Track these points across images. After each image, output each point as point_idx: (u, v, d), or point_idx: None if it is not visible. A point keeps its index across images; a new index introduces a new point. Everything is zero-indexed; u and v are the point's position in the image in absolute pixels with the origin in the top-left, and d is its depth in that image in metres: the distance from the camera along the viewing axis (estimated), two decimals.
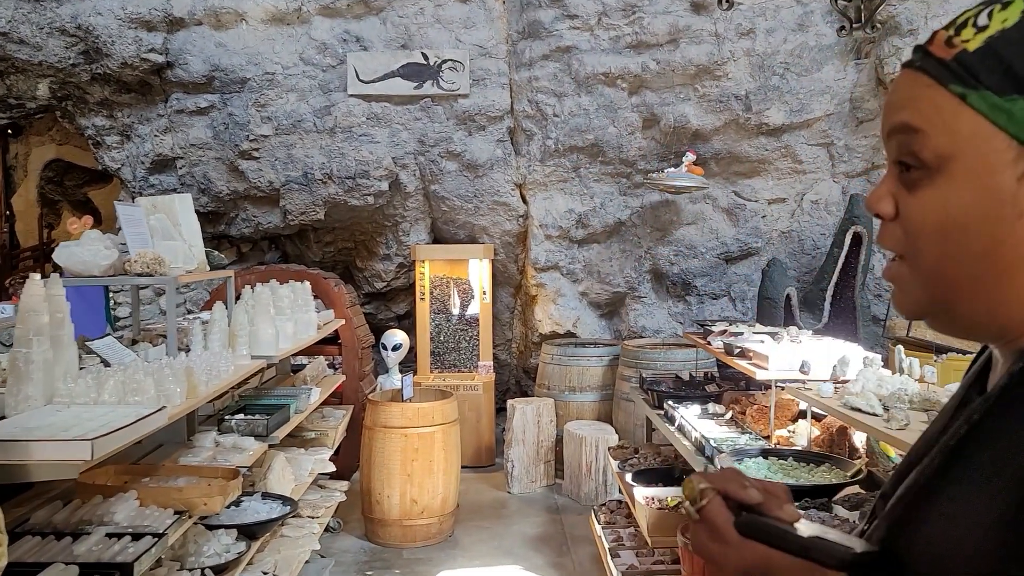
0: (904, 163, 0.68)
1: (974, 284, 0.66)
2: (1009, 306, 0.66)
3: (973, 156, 0.64)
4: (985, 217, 0.64)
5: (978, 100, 0.62)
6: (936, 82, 0.65)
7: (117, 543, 2.30)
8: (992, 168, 0.63)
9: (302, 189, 6.34)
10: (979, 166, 0.64)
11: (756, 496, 0.73)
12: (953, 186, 0.65)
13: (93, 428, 2.04)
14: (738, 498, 0.74)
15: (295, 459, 4.30)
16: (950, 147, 0.64)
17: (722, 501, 0.74)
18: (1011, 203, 0.63)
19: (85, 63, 6.04)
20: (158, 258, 3.17)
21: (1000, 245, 0.64)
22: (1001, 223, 0.63)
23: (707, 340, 4.56)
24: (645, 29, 6.09)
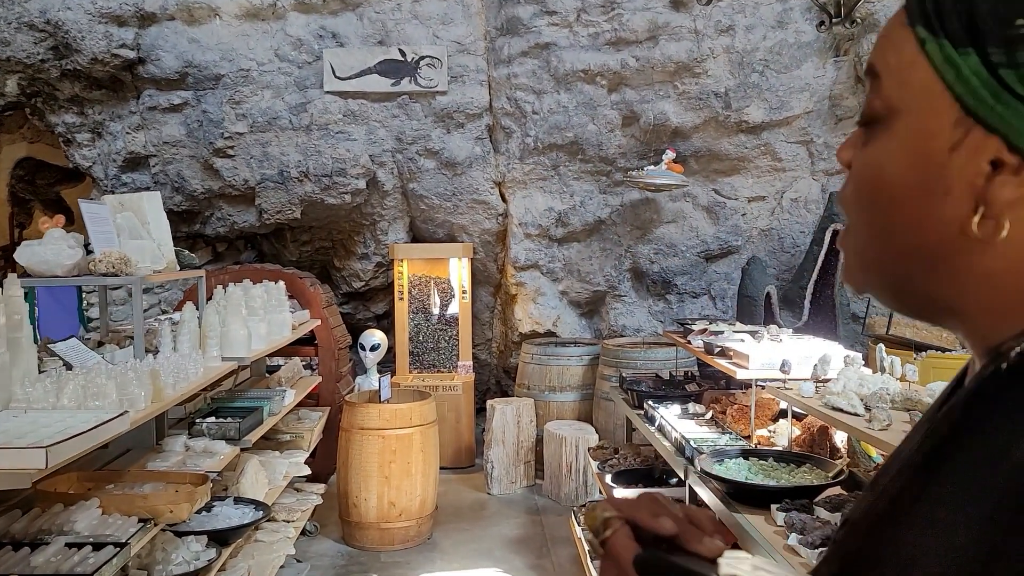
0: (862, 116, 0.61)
1: (903, 262, 0.58)
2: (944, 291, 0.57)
3: (916, 114, 0.55)
4: (913, 187, 0.56)
5: (934, 49, 0.54)
6: (908, 22, 0.57)
7: (77, 554, 2.22)
8: (929, 132, 0.55)
9: (278, 188, 6.24)
10: (919, 127, 0.55)
11: (669, 527, 0.63)
12: (892, 146, 0.57)
13: (49, 435, 1.95)
14: (648, 528, 0.63)
15: (269, 462, 4.22)
16: (899, 100, 0.56)
17: (629, 532, 0.64)
18: (941, 175, 0.54)
19: (55, 59, 5.91)
20: (124, 257, 3.08)
21: (927, 222, 0.56)
22: (928, 198, 0.55)
23: (687, 339, 4.51)
24: (624, 26, 6.05)
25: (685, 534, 0.63)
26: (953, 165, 0.54)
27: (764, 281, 5.73)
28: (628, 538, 0.63)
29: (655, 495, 0.67)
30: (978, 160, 0.53)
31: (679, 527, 0.63)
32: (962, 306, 0.57)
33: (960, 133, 0.53)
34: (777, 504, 2.64)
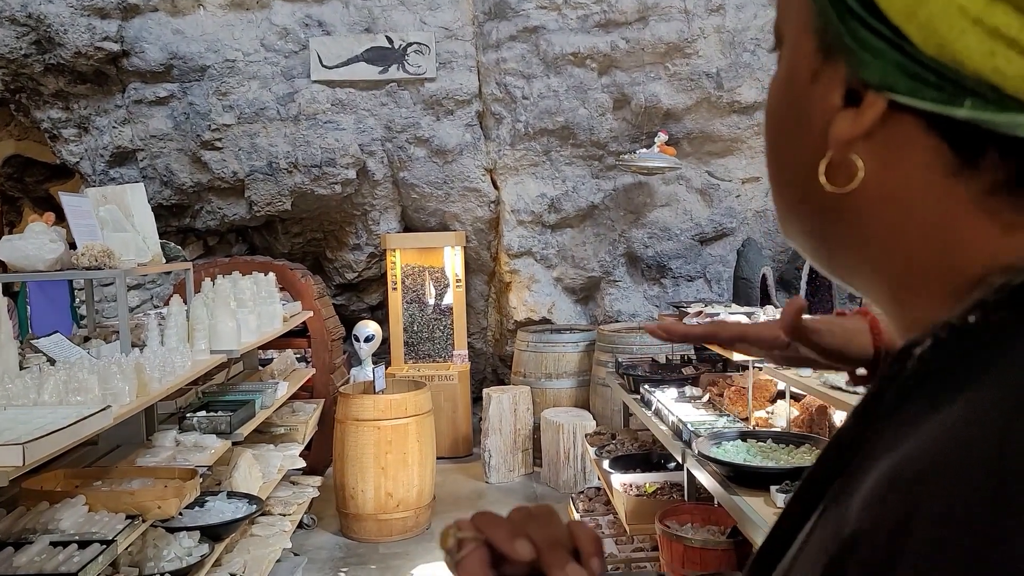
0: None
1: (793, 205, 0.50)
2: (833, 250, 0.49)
3: (790, 39, 0.48)
4: (785, 117, 0.48)
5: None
6: None
7: (62, 552, 2.17)
8: (796, 57, 0.47)
9: (267, 179, 6.17)
10: (791, 51, 0.47)
11: (524, 552, 0.54)
12: (777, 72, 0.49)
13: (28, 431, 1.91)
14: (503, 552, 0.55)
15: (263, 456, 4.18)
16: (782, 20, 0.49)
17: (484, 554, 0.55)
18: (803, 106, 0.46)
19: (38, 53, 5.83)
20: (107, 250, 3.03)
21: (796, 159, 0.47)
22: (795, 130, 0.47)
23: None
24: (613, 7, 5.97)
25: (546, 559, 0.54)
26: (812, 95, 0.45)
27: (759, 263, 5.69)
28: (480, 563, 0.55)
29: (532, 509, 0.58)
30: (830, 92, 0.44)
31: (541, 551, 0.54)
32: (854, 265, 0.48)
33: (818, 61, 0.45)
34: (777, 486, 2.60)
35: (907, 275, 0.45)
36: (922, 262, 0.43)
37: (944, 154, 0.40)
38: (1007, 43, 0.37)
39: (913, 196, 0.42)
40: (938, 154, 0.41)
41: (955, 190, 0.41)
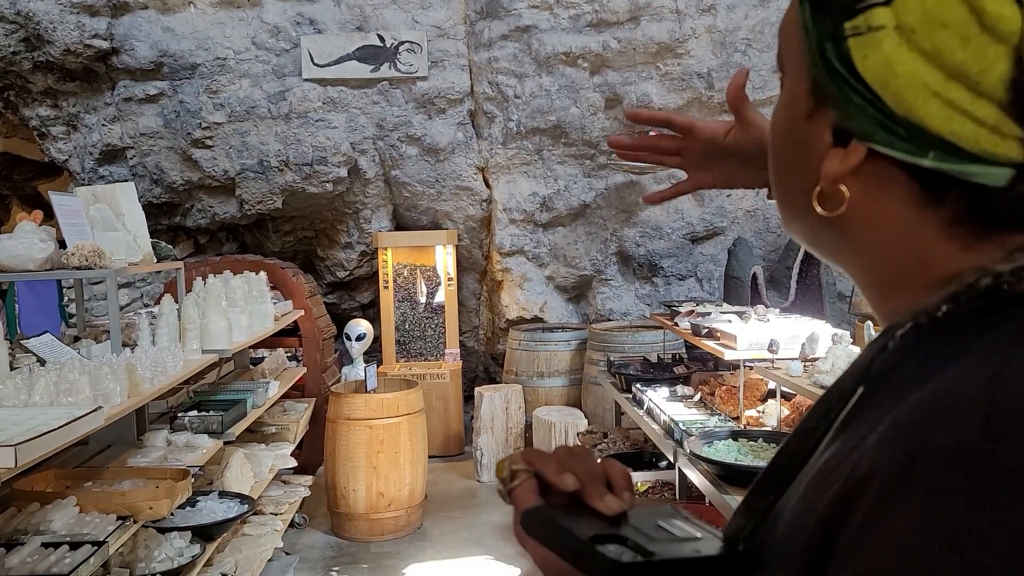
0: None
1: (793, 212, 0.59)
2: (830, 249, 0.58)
3: (790, 76, 0.56)
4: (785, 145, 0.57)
5: (801, 12, 0.53)
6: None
7: (54, 553, 2.17)
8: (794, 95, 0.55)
9: (258, 177, 6.16)
10: (790, 88, 0.56)
11: (570, 483, 0.61)
12: (780, 99, 0.58)
13: (19, 432, 1.90)
14: (551, 483, 0.62)
15: (255, 455, 4.17)
16: (783, 58, 0.57)
17: (535, 484, 0.63)
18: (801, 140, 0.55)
19: (26, 51, 5.80)
20: (97, 250, 3.01)
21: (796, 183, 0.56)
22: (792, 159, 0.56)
23: (674, 321, 4.48)
24: (605, 7, 5.98)
25: (587, 490, 0.61)
26: (808, 131, 0.54)
27: (750, 262, 5.71)
28: (531, 491, 0.63)
29: (573, 448, 0.66)
30: (822, 132, 0.53)
31: (583, 483, 0.61)
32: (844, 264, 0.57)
33: (812, 103, 0.53)
34: None
35: (887, 278, 0.54)
36: (898, 270, 0.52)
37: (915, 191, 0.49)
38: (961, 112, 0.46)
39: (891, 221, 0.51)
40: (911, 190, 0.49)
41: (924, 218, 0.50)
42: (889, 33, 0.47)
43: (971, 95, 0.45)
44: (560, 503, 0.62)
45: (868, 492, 0.43)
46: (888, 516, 0.42)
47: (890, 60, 0.47)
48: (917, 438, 0.43)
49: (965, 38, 0.45)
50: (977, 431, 0.41)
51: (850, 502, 0.44)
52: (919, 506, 0.41)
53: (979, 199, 0.48)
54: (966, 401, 0.42)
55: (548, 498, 0.63)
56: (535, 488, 0.63)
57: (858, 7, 0.48)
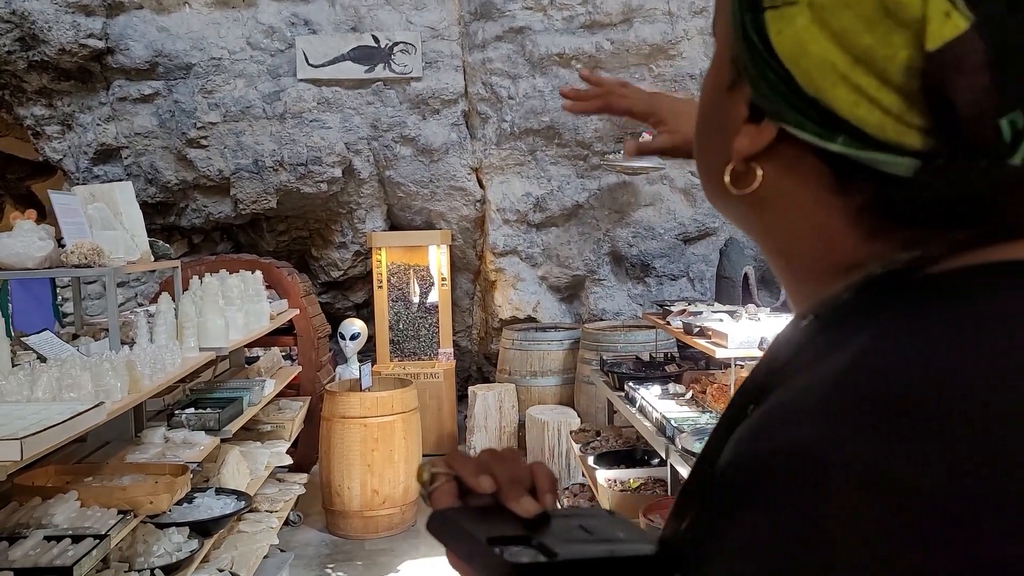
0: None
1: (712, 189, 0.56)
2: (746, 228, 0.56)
3: (718, 48, 0.53)
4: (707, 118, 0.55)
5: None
6: None
7: (56, 546, 2.20)
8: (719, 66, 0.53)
9: (253, 177, 6.18)
10: (716, 60, 0.53)
11: (486, 485, 0.60)
12: (708, 69, 0.55)
13: (24, 427, 1.93)
14: (468, 485, 0.61)
15: (251, 453, 4.20)
16: (716, 26, 0.55)
17: (454, 487, 0.62)
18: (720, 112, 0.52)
19: (21, 50, 5.81)
20: (96, 248, 3.04)
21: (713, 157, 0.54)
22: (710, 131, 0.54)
23: (666, 320, 4.53)
24: (598, 9, 6.03)
25: (505, 492, 0.60)
26: (727, 105, 0.51)
27: (742, 262, 5.77)
28: (450, 494, 0.62)
29: (499, 452, 0.65)
30: (739, 106, 0.50)
31: (501, 485, 0.60)
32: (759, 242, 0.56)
33: (734, 74, 0.50)
34: None
35: (797, 261, 0.52)
36: (809, 253, 0.50)
37: (826, 175, 0.47)
38: (867, 98, 0.43)
39: (803, 205, 0.49)
40: (821, 174, 0.47)
41: (834, 203, 0.48)
42: (802, 8, 0.44)
43: (877, 82, 0.43)
44: (479, 506, 0.61)
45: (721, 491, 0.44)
46: (732, 516, 0.41)
47: (802, 37, 0.44)
48: (765, 437, 0.42)
49: (870, 21, 0.42)
50: (816, 430, 0.39)
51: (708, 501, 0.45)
52: (758, 507, 0.40)
53: (886, 189, 0.45)
54: (815, 398, 0.41)
55: (466, 501, 0.61)
56: (454, 491, 0.62)
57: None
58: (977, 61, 0.40)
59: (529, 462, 0.64)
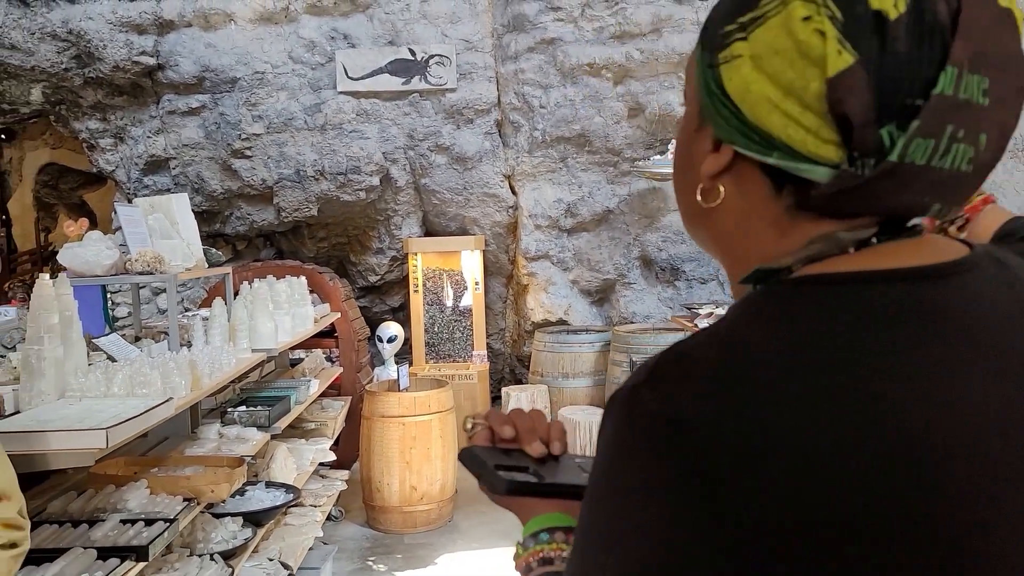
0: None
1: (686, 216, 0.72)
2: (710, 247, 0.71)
3: (688, 102, 0.69)
4: (681, 162, 0.70)
5: (696, 51, 0.66)
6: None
7: (131, 528, 2.42)
8: (689, 116, 0.68)
9: (295, 186, 6.44)
10: (688, 112, 0.69)
11: (507, 432, 0.81)
12: (681, 125, 0.71)
13: (106, 419, 2.15)
14: (495, 431, 0.82)
15: (296, 449, 4.41)
16: (687, 89, 0.69)
17: (488, 434, 0.83)
18: (690, 153, 0.68)
19: (77, 67, 6.12)
20: (158, 257, 3.28)
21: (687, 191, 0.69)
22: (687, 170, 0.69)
23: (694, 323, 4.68)
24: (628, 19, 6.19)
25: (522, 437, 0.81)
26: (695, 145, 0.67)
27: None
28: (484, 438, 0.82)
29: (524, 411, 0.86)
30: (705, 142, 0.65)
31: (520, 432, 0.81)
32: (719, 258, 0.72)
33: (700, 120, 0.66)
34: None
35: (739, 259, 0.68)
36: (747, 252, 0.66)
37: (766, 184, 0.62)
38: (793, 120, 0.57)
39: (750, 210, 0.64)
40: (763, 184, 0.62)
41: (769, 206, 0.63)
42: (745, 60, 0.59)
43: (800, 107, 0.57)
44: (503, 448, 0.81)
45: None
46: (599, 434, 0.58)
47: (747, 80, 0.59)
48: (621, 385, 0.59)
49: (792, 61, 0.56)
50: (641, 378, 0.56)
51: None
52: (602, 428, 0.58)
53: (806, 192, 0.60)
54: (653, 360, 0.58)
55: (496, 444, 0.82)
56: (487, 437, 0.82)
57: (726, 41, 0.60)
58: (861, 85, 0.55)
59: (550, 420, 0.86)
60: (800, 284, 0.60)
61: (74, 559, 2.18)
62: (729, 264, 0.70)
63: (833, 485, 0.50)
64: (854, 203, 0.60)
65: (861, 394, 0.52)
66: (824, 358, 0.54)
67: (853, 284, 0.58)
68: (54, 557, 2.18)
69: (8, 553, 1.71)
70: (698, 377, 0.55)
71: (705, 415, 0.52)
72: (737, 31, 0.60)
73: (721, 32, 0.61)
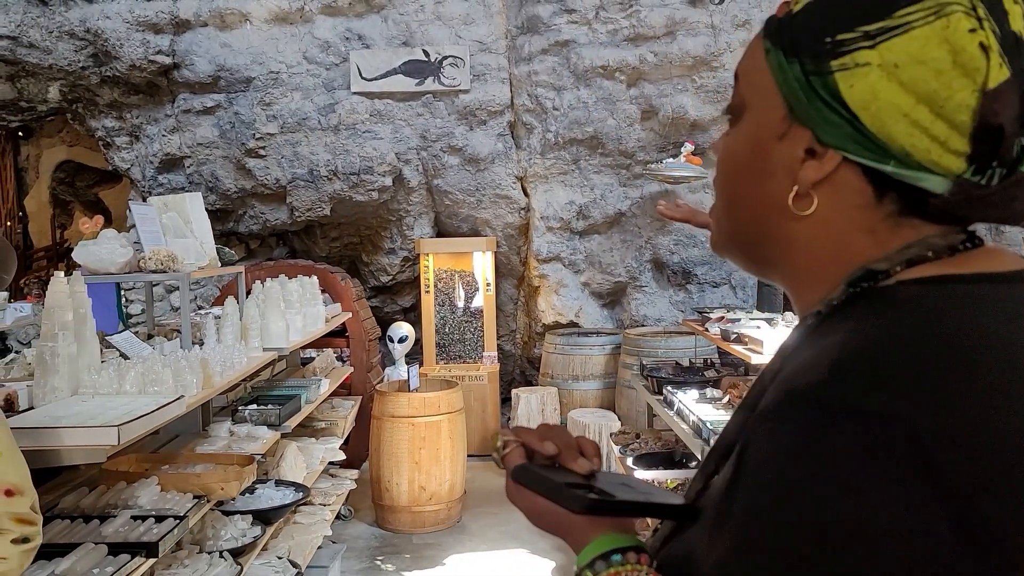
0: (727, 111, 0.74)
1: (744, 231, 0.73)
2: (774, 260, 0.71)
3: (757, 108, 0.69)
4: (750, 167, 0.70)
5: (773, 57, 0.66)
6: (762, 34, 0.69)
7: (142, 525, 2.44)
8: (764, 123, 0.68)
9: (308, 186, 6.46)
10: (757, 119, 0.69)
11: (550, 448, 0.78)
12: (739, 133, 0.71)
13: (118, 416, 2.17)
14: (535, 450, 0.79)
15: (306, 448, 4.43)
16: (748, 96, 0.70)
17: (522, 451, 0.80)
18: (769, 159, 0.68)
19: (94, 66, 6.17)
20: (171, 255, 3.30)
21: (757, 197, 0.69)
22: (760, 176, 0.69)
23: (705, 327, 4.67)
24: (642, 22, 6.19)
25: (564, 455, 0.79)
26: (778, 151, 0.67)
27: None
28: (519, 456, 0.80)
29: (552, 425, 0.84)
30: (796, 148, 0.66)
31: (560, 449, 0.79)
32: (785, 268, 0.71)
33: (785, 126, 0.66)
34: None
35: (808, 274, 0.69)
36: (831, 260, 0.67)
37: (867, 192, 0.64)
38: (921, 129, 0.59)
39: (838, 219, 0.65)
40: (864, 192, 0.64)
41: (867, 215, 0.64)
42: (873, 68, 0.60)
43: (932, 116, 0.59)
44: (540, 464, 0.79)
45: (761, 424, 0.60)
46: (771, 437, 0.57)
47: (874, 88, 0.60)
48: (788, 385, 0.59)
49: (938, 71, 0.58)
50: (823, 377, 0.57)
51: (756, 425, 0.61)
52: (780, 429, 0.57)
53: (918, 198, 0.62)
54: (820, 361, 0.58)
55: (531, 461, 0.80)
56: (522, 454, 0.80)
57: (843, 50, 0.61)
58: (1015, 98, 0.58)
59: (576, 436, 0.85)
60: (928, 284, 0.62)
61: (85, 554, 2.20)
62: (801, 275, 0.70)
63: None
64: (970, 211, 0.63)
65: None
66: (993, 351, 0.56)
67: (981, 284, 0.61)
68: (65, 552, 2.19)
69: (20, 548, 1.73)
70: (887, 372, 0.56)
71: (916, 408, 0.53)
72: (861, 39, 0.61)
73: (831, 39, 0.62)
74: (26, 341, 6.97)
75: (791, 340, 0.69)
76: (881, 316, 0.60)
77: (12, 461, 1.74)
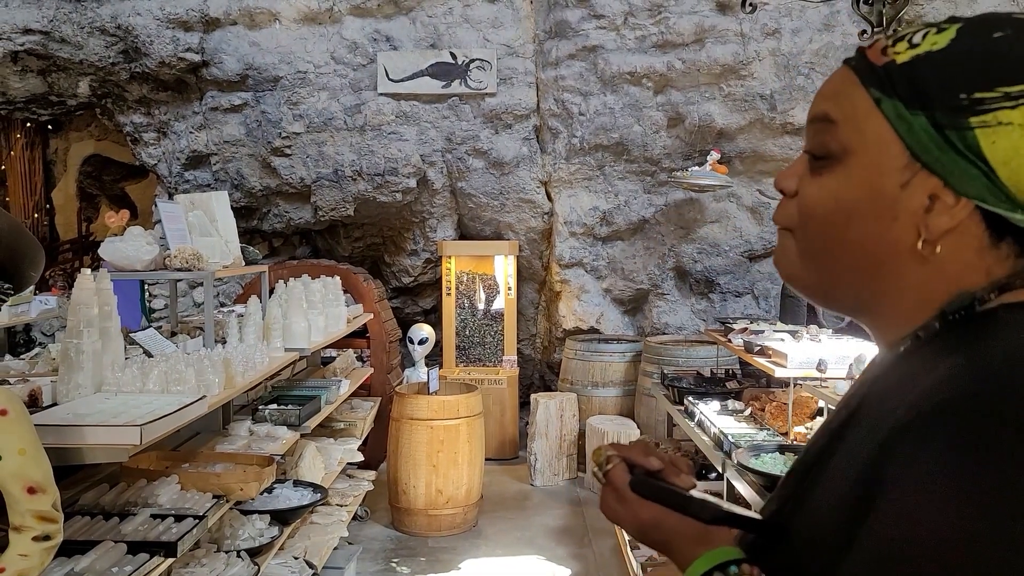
0: (814, 153, 0.75)
1: (847, 271, 0.74)
2: (877, 297, 0.74)
3: (871, 155, 0.71)
4: (867, 213, 0.71)
5: (889, 107, 0.69)
6: (861, 83, 0.71)
7: (161, 524, 2.44)
8: (883, 170, 0.70)
9: (333, 186, 6.48)
10: (873, 165, 0.71)
11: (655, 463, 0.83)
12: (848, 178, 0.72)
13: (141, 415, 2.17)
14: (639, 465, 0.84)
15: (325, 449, 4.44)
16: (855, 143, 0.71)
17: (626, 467, 0.84)
18: (890, 205, 0.70)
19: (124, 62, 6.22)
20: (196, 253, 3.31)
21: (874, 241, 0.71)
22: (879, 221, 0.71)
23: (728, 337, 4.62)
24: (671, 29, 6.15)
25: (667, 471, 0.83)
26: (902, 198, 0.70)
27: None
28: (624, 471, 0.84)
29: (646, 442, 0.89)
30: (921, 195, 0.69)
31: (665, 464, 0.83)
32: (880, 306, 0.74)
33: (909, 174, 0.69)
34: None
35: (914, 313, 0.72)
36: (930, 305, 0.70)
37: (984, 236, 0.68)
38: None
39: (955, 262, 0.69)
40: (981, 236, 0.68)
41: (984, 257, 0.69)
42: (1016, 128, 0.64)
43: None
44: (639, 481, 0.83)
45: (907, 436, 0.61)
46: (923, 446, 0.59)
47: (1017, 146, 0.65)
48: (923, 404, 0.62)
49: None
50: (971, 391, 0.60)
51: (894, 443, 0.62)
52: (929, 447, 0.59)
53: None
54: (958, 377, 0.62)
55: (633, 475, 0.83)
56: (626, 469, 0.84)
57: (983, 108, 0.65)
58: None
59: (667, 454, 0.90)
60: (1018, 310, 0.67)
61: (104, 552, 2.21)
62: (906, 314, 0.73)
63: None
64: None
65: None
66: None
67: None
68: (85, 550, 2.20)
69: (42, 545, 1.74)
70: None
71: None
72: (1002, 99, 0.65)
73: (967, 97, 0.66)
74: (50, 333, 7.04)
75: (879, 366, 0.73)
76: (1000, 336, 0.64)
77: (35, 459, 1.74)
